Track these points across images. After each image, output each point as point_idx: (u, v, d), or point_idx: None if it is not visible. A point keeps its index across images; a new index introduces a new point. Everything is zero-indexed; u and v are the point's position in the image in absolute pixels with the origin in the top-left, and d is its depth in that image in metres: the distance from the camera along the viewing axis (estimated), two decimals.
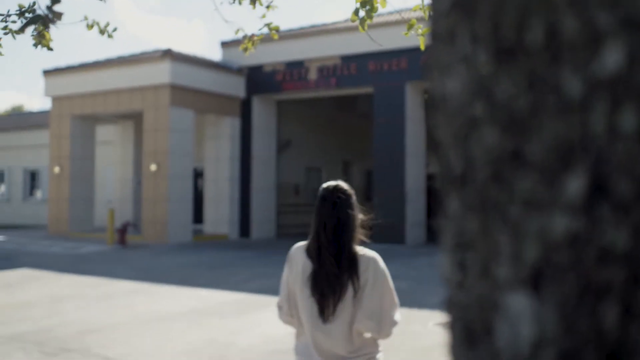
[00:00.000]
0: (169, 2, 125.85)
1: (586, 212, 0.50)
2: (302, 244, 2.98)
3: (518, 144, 0.53)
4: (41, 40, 5.10)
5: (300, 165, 25.30)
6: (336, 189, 2.91)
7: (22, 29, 4.31)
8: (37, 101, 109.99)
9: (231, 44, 22.33)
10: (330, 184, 2.95)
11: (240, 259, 15.94)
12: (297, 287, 2.91)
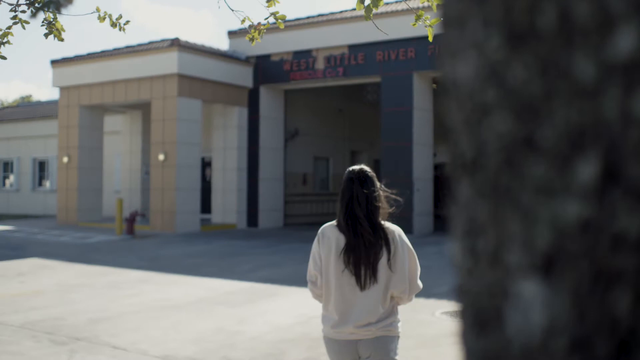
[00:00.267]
0: None
1: (598, 199, 0.50)
2: (330, 222, 3.31)
3: (530, 129, 0.52)
4: (52, 30, 5.10)
5: (307, 155, 25.27)
6: (361, 170, 3.26)
7: (34, 14, 4.31)
8: (45, 91, 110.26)
9: (238, 33, 22.28)
10: (355, 167, 3.29)
11: (248, 249, 15.97)
12: (330, 261, 3.21)
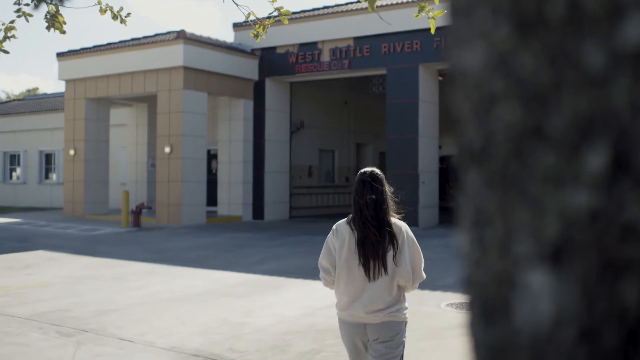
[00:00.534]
0: None
1: (607, 188, 0.50)
2: (344, 220, 3.66)
3: (539, 119, 0.52)
4: (54, 23, 5.10)
5: (313, 147, 25.26)
6: (372, 173, 3.61)
7: (37, 6, 4.31)
8: (51, 84, 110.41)
9: (243, 26, 22.25)
10: (367, 170, 3.65)
11: (254, 241, 16.00)
12: (342, 254, 3.59)
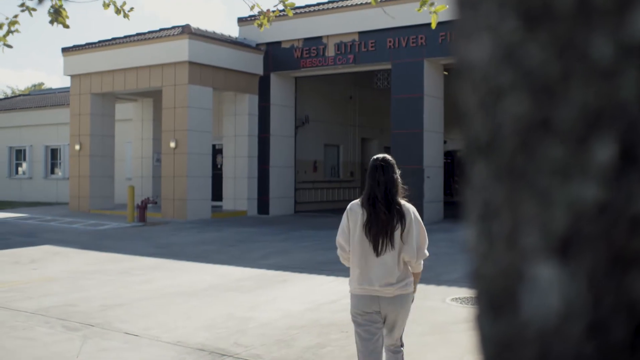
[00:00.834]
0: None
1: (616, 181, 0.49)
2: (358, 200, 4.04)
3: (546, 111, 0.52)
4: (57, 17, 5.10)
5: (318, 142, 25.26)
6: (384, 159, 4.00)
7: (40, 1, 4.31)
8: (56, 79, 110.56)
9: (248, 20, 22.22)
10: (379, 156, 4.04)
11: (259, 236, 16.02)
12: (355, 231, 3.96)
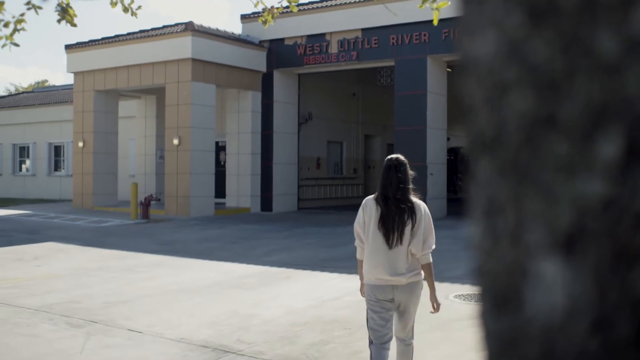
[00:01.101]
0: None
1: (621, 177, 0.49)
2: (372, 196, 4.40)
3: (552, 107, 0.51)
4: (65, 15, 5.10)
5: (321, 139, 25.25)
6: (397, 159, 4.35)
7: None
8: (60, 76, 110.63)
9: (252, 17, 22.21)
10: (393, 156, 4.40)
11: (262, 233, 16.03)
12: (369, 226, 4.33)
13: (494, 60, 0.56)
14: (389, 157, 4.42)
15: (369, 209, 4.35)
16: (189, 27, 20.09)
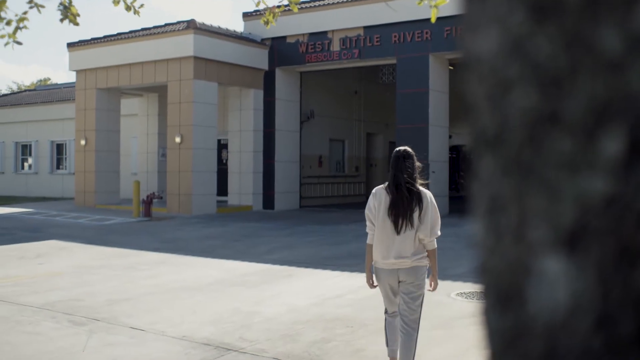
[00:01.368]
0: None
1: (624, 174, 0.49)
2: (382, 185, 4.71)
3: (554, 104, 0.51)
4: (67, 14, 5.10)
5: (323, 137, 25.24)
6: (405, 150, 4.67)
7: None
8: (62, 74, 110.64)
9: (253, 15, 22.21)
10: (401, 148, 4.72)
11: (264, 231, 16.03)
12: (379, 211, 4.63)
13: (497, 57, 0.55)
14: (397, 148, 4.73)
15: (378, 195, 4.67)
16: (191, 25, 20.09)
